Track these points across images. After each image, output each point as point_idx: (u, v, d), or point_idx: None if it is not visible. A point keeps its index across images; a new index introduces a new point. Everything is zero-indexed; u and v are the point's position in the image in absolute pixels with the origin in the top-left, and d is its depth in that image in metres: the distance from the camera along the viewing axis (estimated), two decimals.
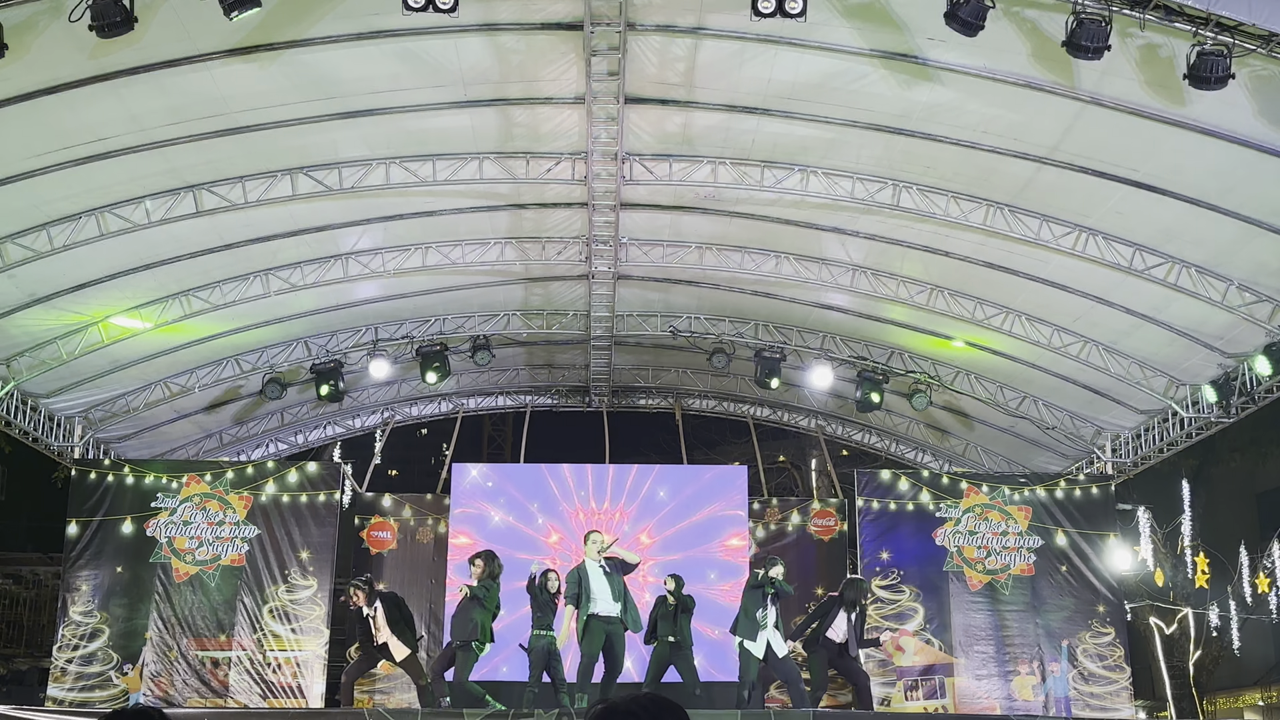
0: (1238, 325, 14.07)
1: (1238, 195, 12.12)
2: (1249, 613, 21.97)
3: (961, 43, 10.01)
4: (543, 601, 13.50)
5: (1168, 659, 23.06)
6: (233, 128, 12.31)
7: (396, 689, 17.91)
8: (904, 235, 14.75)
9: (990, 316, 15.93)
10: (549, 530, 18.30)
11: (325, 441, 22.34)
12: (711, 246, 15.71)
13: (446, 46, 11.43)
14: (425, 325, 17.77)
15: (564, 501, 18.59)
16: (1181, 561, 22.00)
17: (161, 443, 19.54)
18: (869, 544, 18.07)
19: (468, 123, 12.91)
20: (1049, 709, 16.81)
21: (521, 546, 17.57)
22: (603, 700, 3.03)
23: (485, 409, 22.51)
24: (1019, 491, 18.11)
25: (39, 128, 11.55)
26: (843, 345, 17.92)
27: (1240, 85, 9.92)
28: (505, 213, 15.09)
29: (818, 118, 12.54)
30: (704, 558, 18.29)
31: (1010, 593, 17.66)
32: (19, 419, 16.46)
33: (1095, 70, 10.42)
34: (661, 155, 13.49)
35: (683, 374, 20.70)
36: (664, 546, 18.27)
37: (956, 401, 19.01)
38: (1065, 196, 13.10)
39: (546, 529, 18.33)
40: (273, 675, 16.80)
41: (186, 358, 17.17)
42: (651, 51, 11.58)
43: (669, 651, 13.84)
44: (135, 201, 13.23)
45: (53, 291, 14.55)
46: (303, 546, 17.50)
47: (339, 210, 14.41)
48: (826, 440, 22.26)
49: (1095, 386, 16.97)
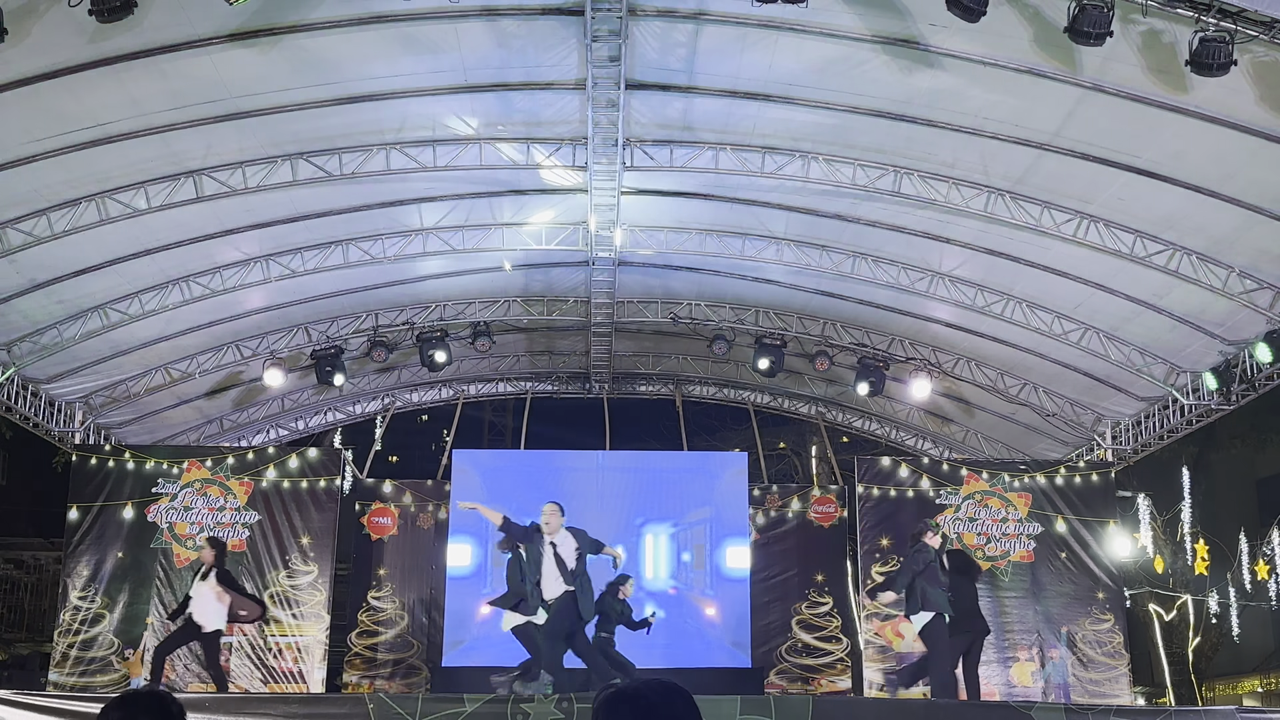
0: (1238, 312, 14.06)
1: (1239, 182, 12.11)
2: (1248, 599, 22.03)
3: (963, 29, 9.99)
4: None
5: (1167, 646, 23.13)
6: (233, 113, 12.29)
7: (399, 673, 17.99)
8: (905, 222, 14.73)
9: (991, 303, 15.93)
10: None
11: (326, 428, 22.36)
12: (712, 233, 15.71)
13: (447, 31, 11.40)
14: (426, 311, 17.78)
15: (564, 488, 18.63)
16: (1181, 548, 22.06)
17: (162, 428, 19.56)
18: (869, 530, 18.10)
19: (468, 108, 12.89)
20: (1048, 695, 16.85)
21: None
22: (611, 684, 3.03)
23: (486, 395, 22.52)
24: (1019, 478, 18.13)
25: (39, 113, 11.53)
26: (843, 332, 17.92)
27: (1242, 72, 9.90)
28: (506, 198, 15.07)
29: (819, 104, 12.51)
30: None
31: (1010, 579, 17.70)
32: (19, 404, 16.47)
33: (1097, 56, 10.39)
34: (662, 141, 13.46)
35: (683, 360, 20.71)
36: (660, 531, 18.32)
37: (957, 388, 19.02)
38: (1066, 183, 13.08)
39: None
40: (273, 660, 16.85)
41: (187, 343, 17.17)
42: (653, 37, 11.55)
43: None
44: (136, 187, 13.21)
45: (53, 277, 14.55)
46: (303, 532, 17.53)
47: (339, 196, 14.39)
48: (826, 427, 22.28)
49: (1095, 373, 16.97)
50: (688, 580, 18.58)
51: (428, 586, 18.47)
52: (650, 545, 18.49)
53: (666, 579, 18.49)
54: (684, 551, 18.61)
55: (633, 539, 18.17)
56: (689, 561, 18.59)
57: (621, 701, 2.94)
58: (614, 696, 2.97)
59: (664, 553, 18.53)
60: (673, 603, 18.20)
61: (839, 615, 18.81)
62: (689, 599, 18.50)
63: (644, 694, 2.95)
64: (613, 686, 3.02)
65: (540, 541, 13.29)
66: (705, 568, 18.60)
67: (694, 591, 18.51)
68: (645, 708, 2.93)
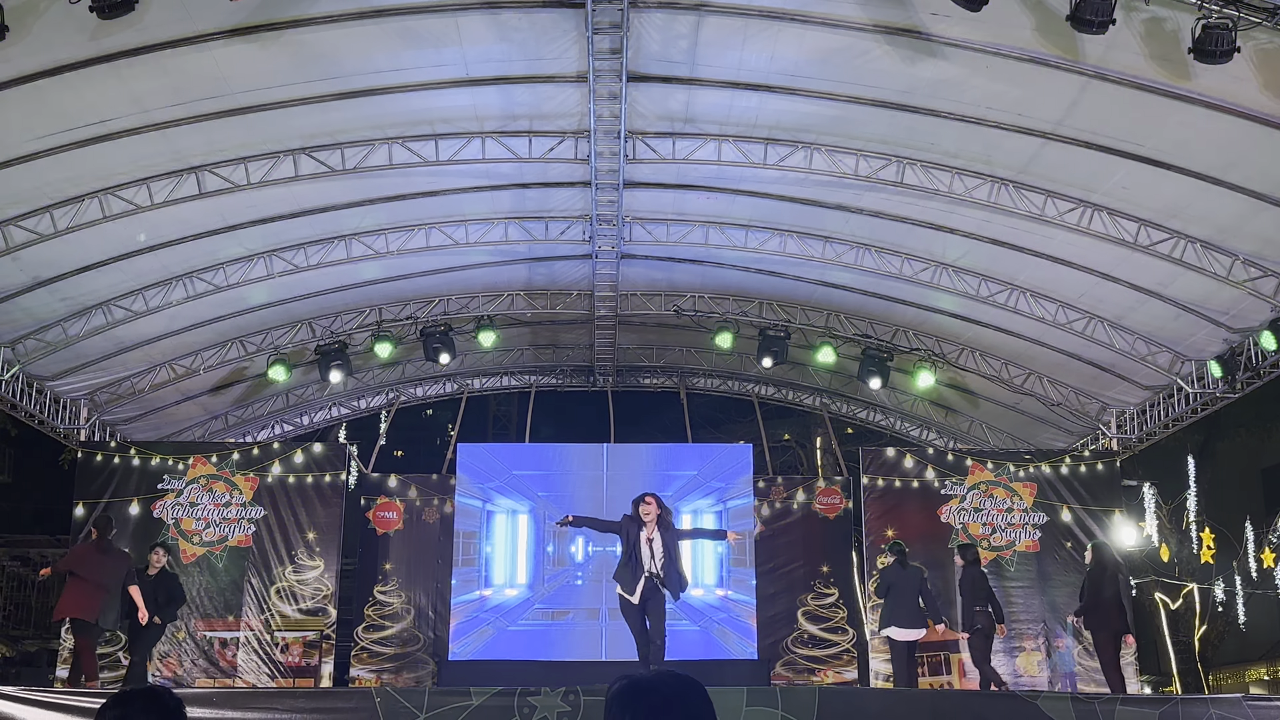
0: (1243, 300, 14.03)
1: (1243, 170, 12.08)
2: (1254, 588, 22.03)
3: (965, 18, 9.97)
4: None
5: (1173, 634, 23.11)
6: (235, 108, 12.28)
7: (405, 667, 18.03)
8: (908, 212, 14.71)
9: (994, 293, 15.90)
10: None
11: (330, 423, 22.38)
12: (715, 224, 15.69)
13: (448, 24, 11.39)
14: (429, 306, 17.78)
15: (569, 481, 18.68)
16: (1187, 537, 22.04)
17: (167, 425, 19.58)
18: (874, 521, 18.10)
19: (470, 101, 12.86)
20: (1054, 684, 16.87)
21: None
22: (625, 675, 3.01)
23: (490, 389, 22.53)
24: (1024, 468, 18.12)
25: (40, 110, 11.53)
26: (847, 323, 17.90)
27: (1245, 59, 9.86)
28: (508, 192, 15.06)
29: (821, 94, 12.48)
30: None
31: (1015, 569, 17.71)
32: (25, 402, 16.48)
33: (1100, 44, 10.36)
34: (664, 133, 13.44)
35: (687, 353, 20.69)
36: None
37: (961, 379, 19.00)
38: (1069, 172, 13.06)
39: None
40: (280, 655, 16.89)
41: (191, 339, 17.19)
42: (654, 28, 11.53)
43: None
44: (138, 184, 13.22)
45: (56, 274, 14.55)
46: (309, 527, 17.57)
47: (342, 191, 14.39)
48: (831, 418, 22.27)
49: (1100, 362, 16.95)
50: (693, 573, 18.57)
51: (434, 580, 18.50)
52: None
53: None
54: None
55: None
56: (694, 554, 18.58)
57: (636, 693, 2.92)
58: (628, 688, 2.94)
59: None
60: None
61: (845, 606, 18.82)
62: (693, 592, 18.49)
63: (658, 686, 2.93)
64: (626, 678, 2.97)
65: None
66: (711, 560, 18.61)
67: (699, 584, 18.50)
68: (659, 700, 2.91)
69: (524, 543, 18.73)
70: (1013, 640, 17.31)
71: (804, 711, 10.24)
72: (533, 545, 18.71)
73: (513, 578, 18.60)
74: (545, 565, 18.64)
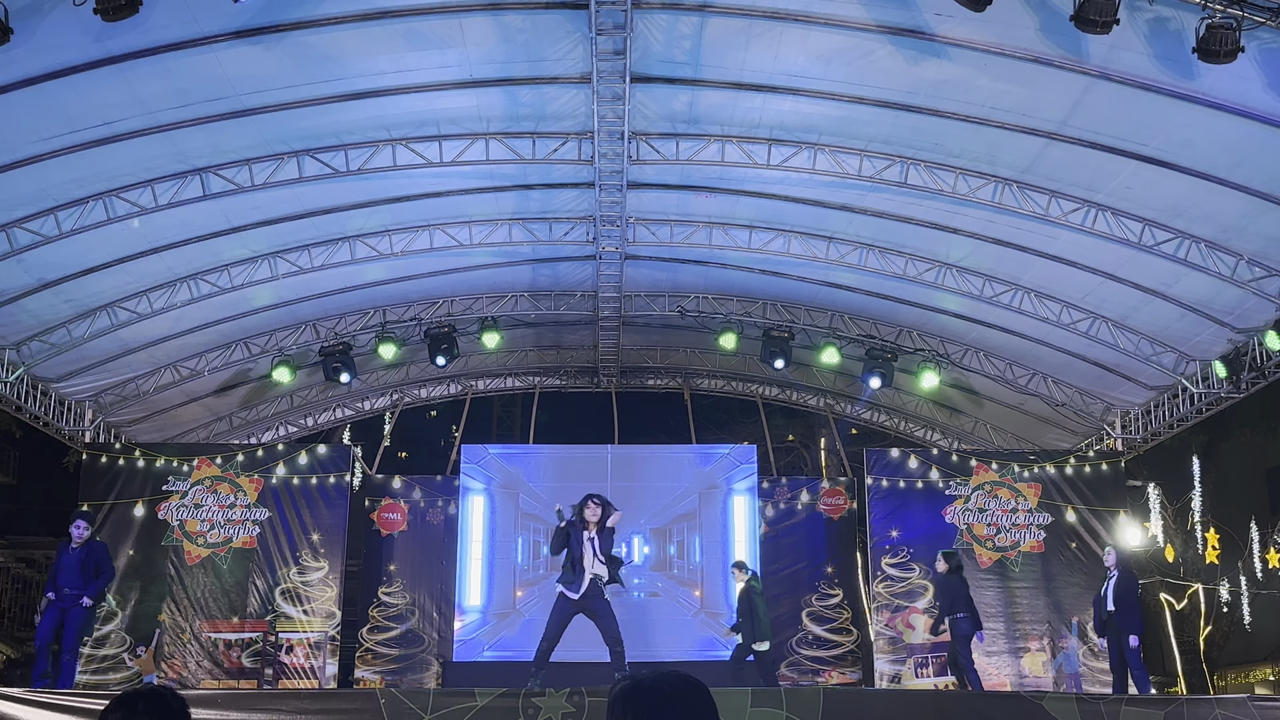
0: (1248, 300, 14.01)
1: (1247, 169, 12.06)
2: (1259, 588, 22.01)
3: (969, 18, 9.96)
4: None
5: (1178, 634, 23.10)
6: (239, 110, 12.29)
7: (410, 668, 18.03)
8: (912, 213, 14.71)
9: (999, 293, 15.89)
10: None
11: (335, 424, 22.40)
12: (719, 225, 15.69)
13: (451, 26, 11.40)
14: (433, 307, 17.79)
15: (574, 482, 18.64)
16: (1192, 537, 22.04)
17: (172, 426, 19.60)
18: (878, 522, 18.09)
19: (473, 103, 12.87)
20: (1060, 685, 16.85)
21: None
22: (629, 676, 3.00)
23: (494, 390, 22.54)
24: (1029, 468, 18.10)
25: (45, 112, 11.54)
26: (851, 324, 17.89)
27: (1250, 58, 9.85)
28: (512, 193, 15.06)
29: (825, 95, 12.48)
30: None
31: (1020, 569, 17.69)
32: (29, 403, 16.51)
33: (1103, 44, 10.35)
34: (668, 134, 13.45)
35: (691, 354, 20.69)
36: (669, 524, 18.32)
37: (965, 379, 18.99)
38: (1074, 172, 13.04)
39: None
40: (285, 656, 16.90)
41: (196, 341, 17.21)
42: (658, 29, 11.53)
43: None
44: (143, 186, 13.24)
45: (61, 276, 14.58)
46: (313, 529, 17.59)
47: (346, 192, 14.40)
48: (835, 419, 22.26)
49: (1104, 363, 16.93)
50: (697, 573, 18.57)
51: (438, 581, 18.50)
52: (659, 538, 18.49)
53: (675, 572, 18.49)
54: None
55: (641, 532, 18.19)
56: (698, 554, 18.58)
57: (640, 694, 2.91)
58: (631, 689, 2.93)
59: (673, 545, 18.53)
60: (681, 595, 18.20)
61: (849, 607, 18.81)
62: (694, 593, 18.49)
63: (662, 687, 2.92)
64: (629, 679, 2.97)
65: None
66: (716, 560, 18.59)
67: (702, 584, 18.50)
68: (663, 700, 2.90)
69: (524, 543, 18.70)
70: (1018, 641, 17.31)
71: (809, 712, 10.24)
72: (533, 545, 18.68)
73: (515, 578, 18.58)
74: (547, 566, 18.61)
